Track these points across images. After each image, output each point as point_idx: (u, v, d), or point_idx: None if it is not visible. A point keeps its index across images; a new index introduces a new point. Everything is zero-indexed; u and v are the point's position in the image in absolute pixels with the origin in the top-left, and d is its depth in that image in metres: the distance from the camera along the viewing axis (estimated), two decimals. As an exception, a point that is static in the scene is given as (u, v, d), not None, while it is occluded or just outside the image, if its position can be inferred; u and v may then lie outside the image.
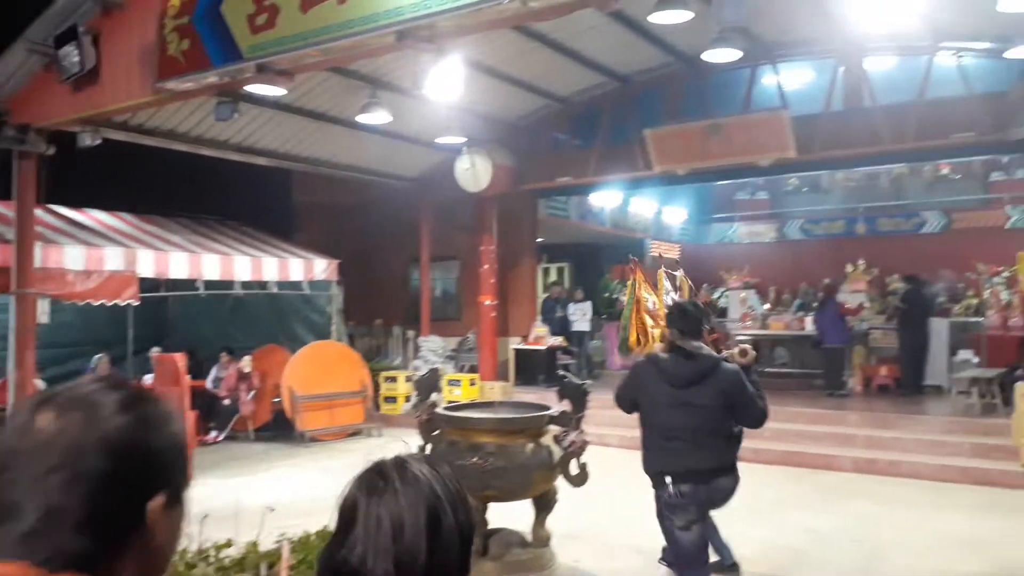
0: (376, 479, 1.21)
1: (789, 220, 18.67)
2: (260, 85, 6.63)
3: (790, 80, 11.15)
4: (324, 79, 9.71)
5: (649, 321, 6.45)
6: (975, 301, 13.57)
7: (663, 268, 6.57)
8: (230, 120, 8.14)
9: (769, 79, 10.98)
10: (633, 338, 6.57)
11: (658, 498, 3.97)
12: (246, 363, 11.28)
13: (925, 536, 6.51)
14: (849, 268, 15.53)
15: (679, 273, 6.85)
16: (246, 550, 3.80)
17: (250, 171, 12.37)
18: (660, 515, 4.00)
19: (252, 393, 11.23)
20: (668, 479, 3.84)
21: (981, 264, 14.27)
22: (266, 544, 3.91)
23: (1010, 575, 5.64)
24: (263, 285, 11.40)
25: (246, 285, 11.16)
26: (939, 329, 11.73)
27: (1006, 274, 13.81)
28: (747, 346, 4.22)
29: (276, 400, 11.24)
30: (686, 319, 3.98)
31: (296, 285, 11.79)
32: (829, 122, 10.25)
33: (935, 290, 13.40)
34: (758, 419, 3.90)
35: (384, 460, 1.25)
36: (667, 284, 6.67)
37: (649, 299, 6.54)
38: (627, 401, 4.16)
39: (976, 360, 11.52)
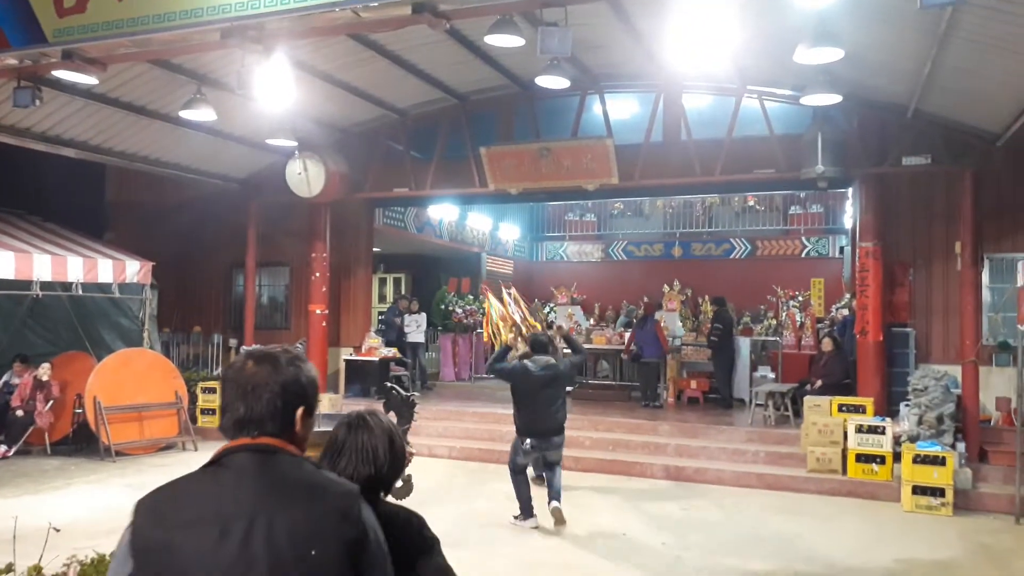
0: (356, 421, 2.25)
1: (614, 241, 19.70)
2: (68, 72, 6.15)
3: (616, 110, 11.78)
4: (145, 71, 9.12)
5: (500, 323, 10.45)
6: (774, 322, 14.91)
7: (504, 290, 10.85)
8: (32, 107, 7.44)
9: (597, 108, 11.55)
10: (497, 340, 10.51)
11: (520, 442, 7.10)
12: (44, 371, 10.38)
13: (723, 537, 7.08)
14: (666, 288, 16.57)
15: (512, 291, 11.04)
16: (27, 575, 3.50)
17: (56, 163, 11.39)
18: (514, 450, 7.20)
19: (50, 403, 10.33)
20: (528, 439, 6.94)
21: (780, 288, 15.71)
22: (54, 568, 3.62)
23: (791, 569, 6.24)
24: (67, 286, 10.51)
25: (47, 286, 10.23)
26: (742, 347, 12.82)
27: (800, 298, 15.33)
28: (560, 324, 6.11)
29: (79, 411, 10.39)
30: (541, 345, 7.05)
31: (105, 287, 10.94)
32: (649, 152, 10.93)
33: (740, 311, 14.59)
34: (581, 372, 6.94)
35: (360, 411, 2.31)
36: (509, 300, 10.47)
37: (499, 309, 10.19)
38: (504, 376, 7.09)
39: (773, 376, 12.66)
